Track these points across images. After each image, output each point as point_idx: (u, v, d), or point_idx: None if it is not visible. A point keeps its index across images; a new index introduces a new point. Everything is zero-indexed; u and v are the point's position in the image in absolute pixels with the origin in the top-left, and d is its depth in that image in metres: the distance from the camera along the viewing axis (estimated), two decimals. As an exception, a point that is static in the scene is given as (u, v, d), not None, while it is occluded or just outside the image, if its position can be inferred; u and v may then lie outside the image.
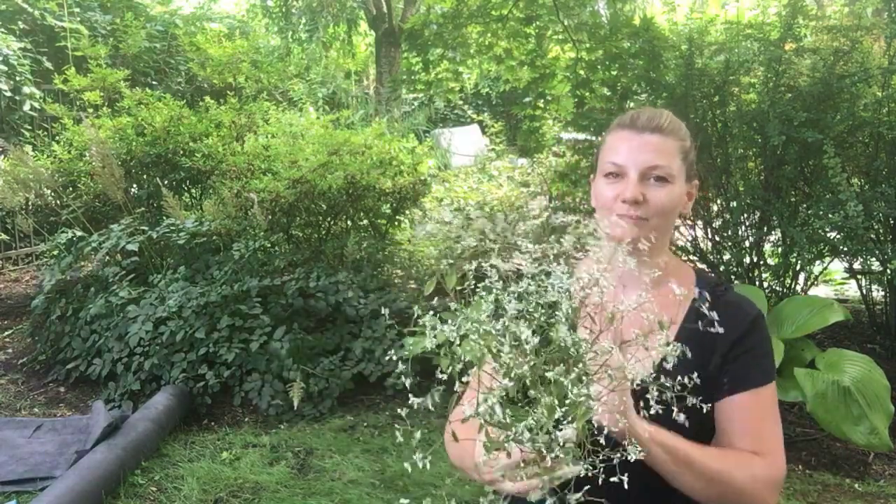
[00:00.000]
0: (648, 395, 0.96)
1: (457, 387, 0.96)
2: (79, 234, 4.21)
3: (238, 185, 4.22)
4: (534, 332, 0.91)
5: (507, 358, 0.91)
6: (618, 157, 1.10)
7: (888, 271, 3.43)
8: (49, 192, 4.54)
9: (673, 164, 1.09)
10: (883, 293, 4.02)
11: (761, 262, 3.91)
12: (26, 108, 6.33)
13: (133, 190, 4.71)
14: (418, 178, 4.89)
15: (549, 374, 0.88)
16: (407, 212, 5.22)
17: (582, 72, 5.28)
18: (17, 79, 6.23)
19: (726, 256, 4.05)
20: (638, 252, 1.05)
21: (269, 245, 4.14)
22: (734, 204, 3.83)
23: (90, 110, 5.01)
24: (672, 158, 1.09)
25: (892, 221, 3.61)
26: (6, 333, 4.80)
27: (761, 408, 1.09)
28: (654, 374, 0.97)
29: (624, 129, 1.12)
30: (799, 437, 3.21)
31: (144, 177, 4.72)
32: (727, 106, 3.83)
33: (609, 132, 1.16)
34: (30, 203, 4.67)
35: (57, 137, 5.00)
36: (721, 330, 0.98)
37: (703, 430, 1.11)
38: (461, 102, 12.23)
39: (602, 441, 0.90)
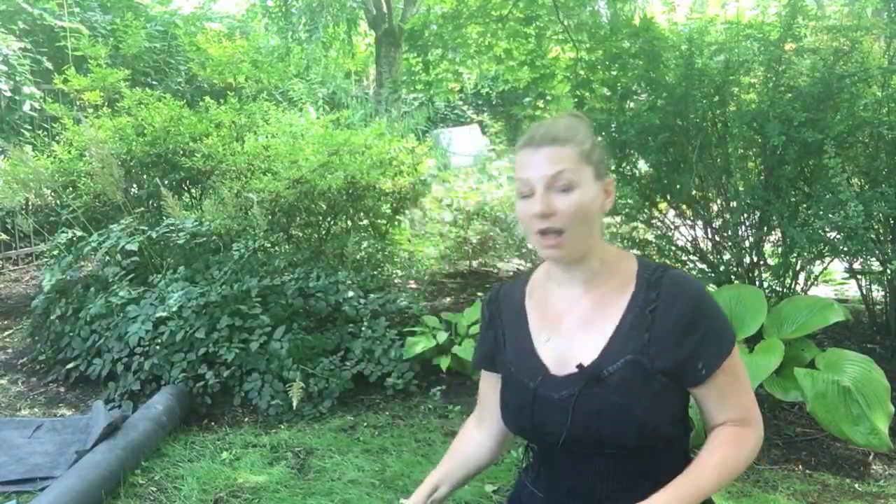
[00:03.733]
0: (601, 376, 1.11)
1: None
2: (79, 234, 4.21)
3: (238, 185, 4.22)
4: None
5: None
6: (523, 173, 1.15)
7: (888, 271, 3.44)
8: (49, 192, 4.54)
9: (574, 167, 1.12)
10: (883, 293, 4.02)
11: (761, 262, 3.91)
12: (26, 108, 6.33)
13: (133, 190, 4.71)
14: (418, 178, 4.89)
15: None
16: (407, 212, 5.22)
17: (582, 72, 5.28)
18: (17, 79, 6.24)
19: (726, 256, 4.05)
20: (565, 260, 1.16)
21: (269, 245, 4.15)
22: (734, 204, 3.83)
23: (90, 110, 5.00)
24: (572, 163, 1.13)
25: (892, 221, 3.61)
26: (6, 333, 4.80)
27: (734, 377, 1.15)
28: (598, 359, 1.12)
29: (525, 148, 1.17)
30: (799, 437, 3.20)
31: (144, 177, 4.72)
32: (727, 106, 3.83)
33: (515, 154, 1.21)
34: (30, 203, 4.67)
35: (57, 137, 4.99)
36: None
37: (666, 398, 1.13)
38: (461, 102, 12.21)
39: None
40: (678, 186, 3.87)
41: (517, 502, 1.30)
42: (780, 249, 3.79)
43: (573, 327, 1.18)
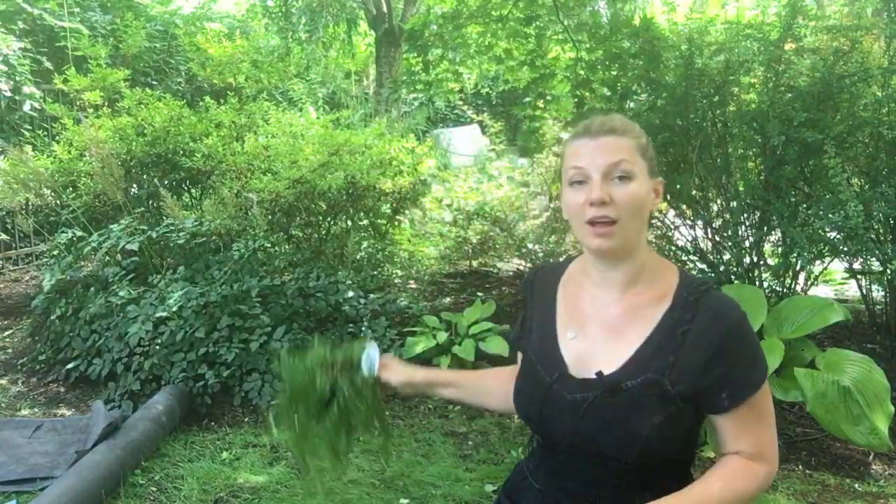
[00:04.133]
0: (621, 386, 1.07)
1: None
2: (79, 234, 4.21)
3: (238, 185, 4.22)
4: None
5: None
6: (579, 162, 1.13)
7: (888, 271, 3.43)
8: (49, 192, 4.54)
9: (632, 159, 1.11)
10: (883, 293, 4.02)
11: (761, 262, 3.90)
12: (26, 108, 6.33)
13: (133, 190, 4.71)
14: (418, 178, 4.89)
15: None
16: (407, 212, 5.22)
17: (582, 72, 5.27)
18: (17, 79, 6.23)
19: (726, 256, 4.05)
20: (612, 255, 1.12)
21: (269, 245, 4.14)
22: (734, 204, 3.83)
23: (90, 110, 5.00)
24: (630, 154, 1.11)
25: (892, 221, 3.61)
26: (6, 333, 4.80)
27: (758, 413, 1.11)
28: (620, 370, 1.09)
29: (580, 138, 1.15)
30: (799, 437, 3.20)
31: (144, 177, 4.72)
32: (727, 106, 3.83)
33: (567, 145, 1.19)
34: (30, 203, 4.67)
35: (57, 137, 4.99)
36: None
37: (679, 423, 1.10)
38: (461, 102, 12.21)
39: None
40: (678, 186, 3.87)
41: (514, 489, 1.30)
42: (780, 249, 3.79)
43: (600, 332, 1.15)
